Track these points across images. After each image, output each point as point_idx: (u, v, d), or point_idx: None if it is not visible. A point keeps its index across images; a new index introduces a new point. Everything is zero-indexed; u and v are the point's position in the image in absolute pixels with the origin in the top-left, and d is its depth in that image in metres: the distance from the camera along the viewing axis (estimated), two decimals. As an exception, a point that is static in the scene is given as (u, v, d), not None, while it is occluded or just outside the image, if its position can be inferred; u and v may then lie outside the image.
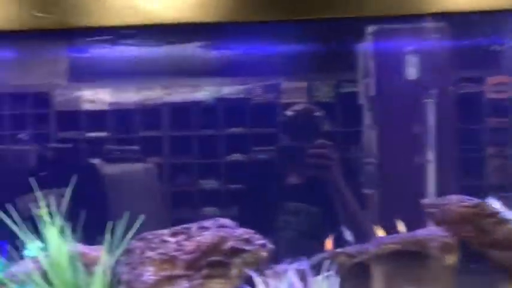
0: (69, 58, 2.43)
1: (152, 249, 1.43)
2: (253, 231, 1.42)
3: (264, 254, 1.39)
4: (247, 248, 1.37)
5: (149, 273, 1.38)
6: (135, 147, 2.91)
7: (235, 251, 1.37)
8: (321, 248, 1.45)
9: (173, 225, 1.46)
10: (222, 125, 3.04)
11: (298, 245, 1.88)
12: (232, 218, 1.47)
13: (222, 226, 1.44)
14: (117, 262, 1.39)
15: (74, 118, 3.03)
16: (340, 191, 2.04)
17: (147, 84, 2.97)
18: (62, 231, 1.27)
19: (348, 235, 1.49)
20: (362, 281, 1.40)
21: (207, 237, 1.40)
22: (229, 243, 1.38)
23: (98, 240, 1.36)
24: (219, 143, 3.06)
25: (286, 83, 2.96)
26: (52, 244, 1.27)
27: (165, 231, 1.46)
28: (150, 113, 3.00)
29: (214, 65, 2.52)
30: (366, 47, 2.25)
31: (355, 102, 2.47)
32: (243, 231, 1.41)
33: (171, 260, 1.40)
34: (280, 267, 1.40)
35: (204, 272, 1.36)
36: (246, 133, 3.01)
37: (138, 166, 2.80)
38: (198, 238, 1.41)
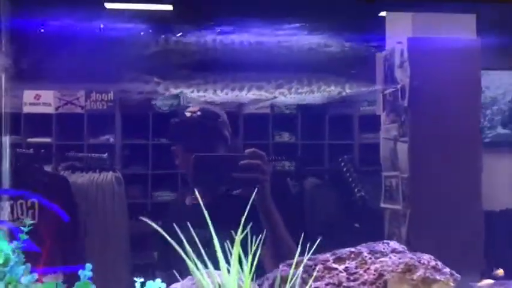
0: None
1: (316, 278, 1.18)
2: (433, 256, 1.21)
3: (452, 284, 1.18)
4: (438, 277, 1.16)
5: (321, 308, 1.14)
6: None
7: (427, 281, 1.15)
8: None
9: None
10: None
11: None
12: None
13: (395, 250, 1.22)
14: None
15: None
16: (271, 212, 1.68)
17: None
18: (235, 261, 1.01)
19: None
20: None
21: (389, 264, 1.17)
22: (419, 273, 1.15)
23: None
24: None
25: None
26: (224, 277, 1.00)
27: (327, 255, 1.22)
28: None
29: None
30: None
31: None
32: (428, 258, 1.19)
33: (345, 292, 1.16)
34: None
35: (391, 306, 1.14)
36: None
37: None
38: (376, 266, 1.18)
